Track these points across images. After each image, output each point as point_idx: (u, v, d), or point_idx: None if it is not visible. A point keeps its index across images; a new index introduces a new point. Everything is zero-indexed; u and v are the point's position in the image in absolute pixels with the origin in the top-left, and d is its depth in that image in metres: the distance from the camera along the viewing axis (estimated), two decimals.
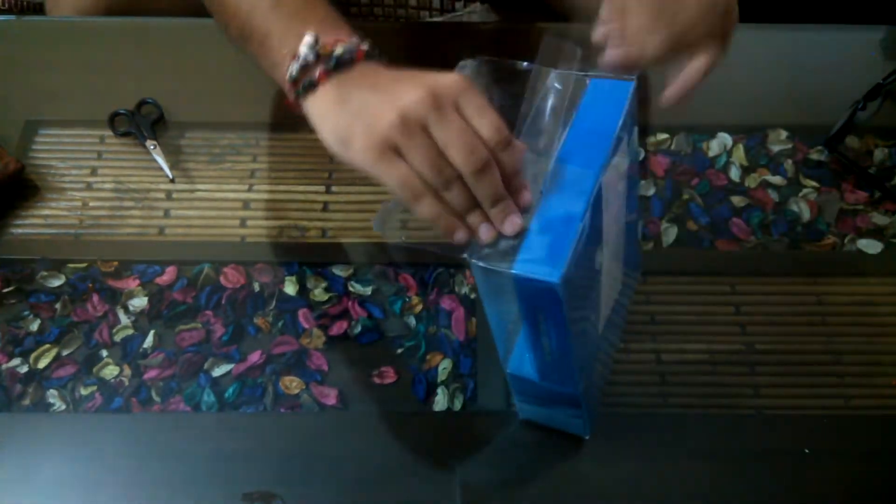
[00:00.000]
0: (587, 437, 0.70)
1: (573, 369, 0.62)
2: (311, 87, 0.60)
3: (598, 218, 0.58)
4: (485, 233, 0.56)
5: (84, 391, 0.73)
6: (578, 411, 0.67)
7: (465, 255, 0.56)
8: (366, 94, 0.59)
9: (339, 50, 0.60)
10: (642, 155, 0.87)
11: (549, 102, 0.61)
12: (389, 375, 0.75)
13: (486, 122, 0.56)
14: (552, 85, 0.61)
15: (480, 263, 0.55)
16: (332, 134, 0.59)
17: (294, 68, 0.61)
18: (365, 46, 0.62)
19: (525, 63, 0.60)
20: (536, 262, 0.54)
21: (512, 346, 0.65)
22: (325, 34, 0.61)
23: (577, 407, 0.66)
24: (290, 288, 0.79)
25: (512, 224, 0.56)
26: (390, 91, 0.57)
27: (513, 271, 0.54)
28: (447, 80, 0.57)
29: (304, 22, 0.62)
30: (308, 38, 0.61)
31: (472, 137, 0.56)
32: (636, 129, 0.64)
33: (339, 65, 0.60)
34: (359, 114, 0.58)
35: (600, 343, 0.68)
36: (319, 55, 0.60)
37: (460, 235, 0.57)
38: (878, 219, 0.85)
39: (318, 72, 0.60)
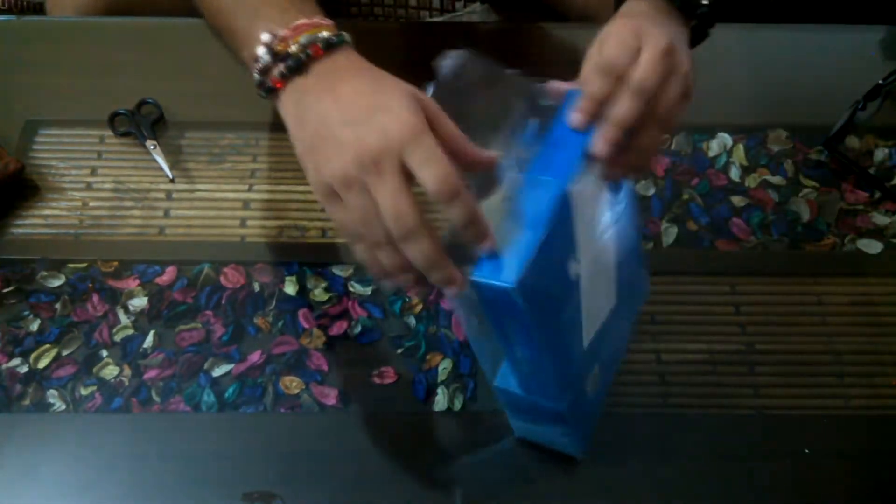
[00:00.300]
0: (580, 458, 0.70)
1: (552, 382, 0.62)
2: (273, 92, 0.60)
3: (570, 228, 0.58)
4: (413, 291, 0.57)
5: (84, 391, 0.73)
6: (568, 429, 0.66)
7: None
8: (322, 115, 0.57)
9: (293, 48, 0.59)
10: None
11: (534, 116, 0.61)
12: (389, 375, 0.75)
13: (431, 173, 0.54)
14: (539, 98, 0.61)
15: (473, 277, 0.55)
16: (297, 149, 0.59)
17: (256, 73, 0.60)
18: (321, 39, 0.59)
19: (509, 69, 0.59)
20: (495, 269, 0.54)
21: (499, 361, 0.65)
22: (284, 24, 0.60)
23: (565, 424, 0.66)
24: (290, 288, 0.79)
25: (450, 289, 0.55)
26: (343, 122, 0.56)
27: (472, 278, 0.55)
28: (398, 127, 0.54)
29: (265, 16, 0.61)
30: (265, 37, 0.60)
31: (404, 203, 0.54)
32: None
33: (295, 68, 0.59)
34: (312, 146, 0.57)
35: (589, 360, 0.67)
36: (276, 53, 0.59)
37: (389, 285, 0.58)
38: (878, 219, 0.85)
39: (273, 77, 0.59)
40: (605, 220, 0.63)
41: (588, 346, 0.65)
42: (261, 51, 0.60)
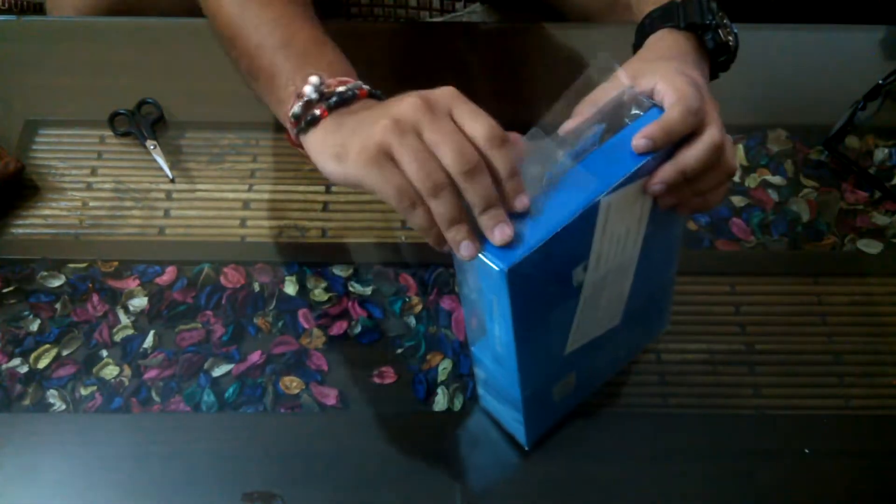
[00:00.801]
0: (527, 448, 0.70)
1: (516, 370, 0.62)
2: (313, 122, 0.61)
3: (589, 236, 0.58)
4: (465, 249, 0.56)
5: (84, 391, 0.73)
6: (520, 416, 0.67)
7: None
8: (361, 116, 0.59)
9: (341, 88, 0.62)
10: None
11: (599, 94, 0.61)
12: (389, 375, 0.75)
13: (479, 124, 0.56)
14: (607, 72, 0.60)
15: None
16: (328, 154, 0.60)
17: (298, 106, 0.62)
18: (366, 87, 0.63)
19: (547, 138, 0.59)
20: (500, 248, 0.55)
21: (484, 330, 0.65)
22: (331, 76, 0.63)
23: (519, 412, 0.66)
24: (290, 288, 0.79)
25: (502, 233, 0.55)
26: (384, 107, 0.58)
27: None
28: (439, 90, 0.57)
29: (313, 64, 0.64)
30: (314, 79, 0.62)
31: (463, 139, 0.55)
32: None
33: (341, 102, 0.61)
34: (354, 131, 0.58)
35: (566, 367, 0.67)
36: (323, 94, 0.62)
37: (445, 248, 0.57)
38: (878, 219, 0.85)
39: (320, 109, 0.61)
40: (637, 242, 0.62)
41: (569, 353, 0.65)
42: (308, 89, 0.62)
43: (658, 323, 0.76)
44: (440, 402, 0.73)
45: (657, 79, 0.61)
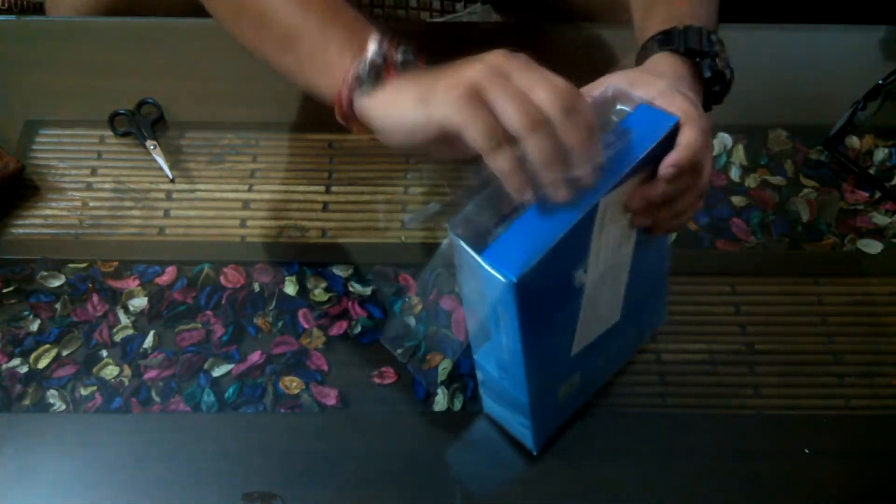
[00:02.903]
0: (535, 453, 0.70)
1: (524, 376, 0.62)
2: (379, 81, 0.62)
3: (588, 237, 0.57)
4: (556, 192, 0.55)
5: (84, 391, 0.73)
6: (527, 422, 0.67)
7: (447, 226, 0.55)
8: (436, 74, 0.60)
9: (401, 55, 0.63)
10: None
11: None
12: (389, 375, 0.75)
13: (557, 79, 0.57)
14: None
15: (457, 236, 0.55)
16: (409, 100, 0.60)
17: (361, 66, 0.63)
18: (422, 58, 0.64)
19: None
20: (504, 256, 0.54)
21: (488, 336, 0.65)
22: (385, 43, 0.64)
23: (525, 417, 0.66)
24: (290, 288, 0.79)
25: (590, 176, 0.55)
26: (463, 64, 0.58)
27: (478, 258, 0.54)
28: (512, 53, 0.58)
29: (361, 31, 0.66)
30: (373, 44, 0.63)
31: (555, 83, 0.56)
32: None
33: (406, 62, 0.63)
34: (439, 76, 0.59)
35: (572, 368, 0.66)
36: (386, 57, 0.63)
37: (529, 195, 0.56)
38: (878, 219, 0.85)
39: (385, 69, 0.63)
40: (631, 237, 0.62)
41: (575, 354, 0.65)
42: (372, 49, 0.63)
43: (656, 316, 0.76)
44: (440, 402, 0.73)
45: (654, 93, 0.61)
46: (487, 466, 0.71)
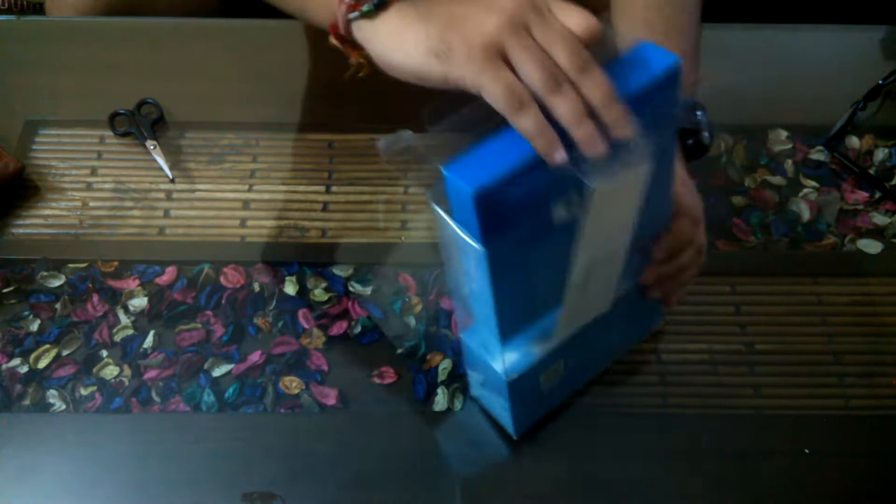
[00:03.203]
0: (515, 438, 0.70)
1: (495, 336, 0.60)
2: (382, 6, 0.58)
3: (576, 215, 0.55)
4: (593, 145, 0.53)
5: (84, 391, 0.73)
6: (507, 405, 0.67)
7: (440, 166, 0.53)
8: (452, 7, 0.56)
9: None
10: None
11: None
12: (389, 375, 0.75)
13: (580, 17, 0.54)
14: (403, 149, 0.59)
15: (434, 202, 0.53)
16: (420, 47, 0.56)
17: None
18: None
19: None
20: (468, 169, 0.51)
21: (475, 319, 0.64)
22: None
23: (506, 399, 0.66)
24: (290, 288, 0.79)
25: (623, 128, 0.53)
26: (478, 2, 0.55)
27: (443, 170, 0.52)
28: None
29: None
30: None
31: (572, 36, 0.54)
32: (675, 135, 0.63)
33: None
34: (452, 24, 0.55)
35: (554, 355, 0.66)
36: None
37: (559, 155, 0.52)
38: (878, 219, 0.85)
39: None
40: (627, 229, 0.61)
41: (559, 341, 0.65)
42: None
43: (650, 320, 0.76)
44: (440, 402, 0.73)
45: None
46: (487, 466, 0.71)
